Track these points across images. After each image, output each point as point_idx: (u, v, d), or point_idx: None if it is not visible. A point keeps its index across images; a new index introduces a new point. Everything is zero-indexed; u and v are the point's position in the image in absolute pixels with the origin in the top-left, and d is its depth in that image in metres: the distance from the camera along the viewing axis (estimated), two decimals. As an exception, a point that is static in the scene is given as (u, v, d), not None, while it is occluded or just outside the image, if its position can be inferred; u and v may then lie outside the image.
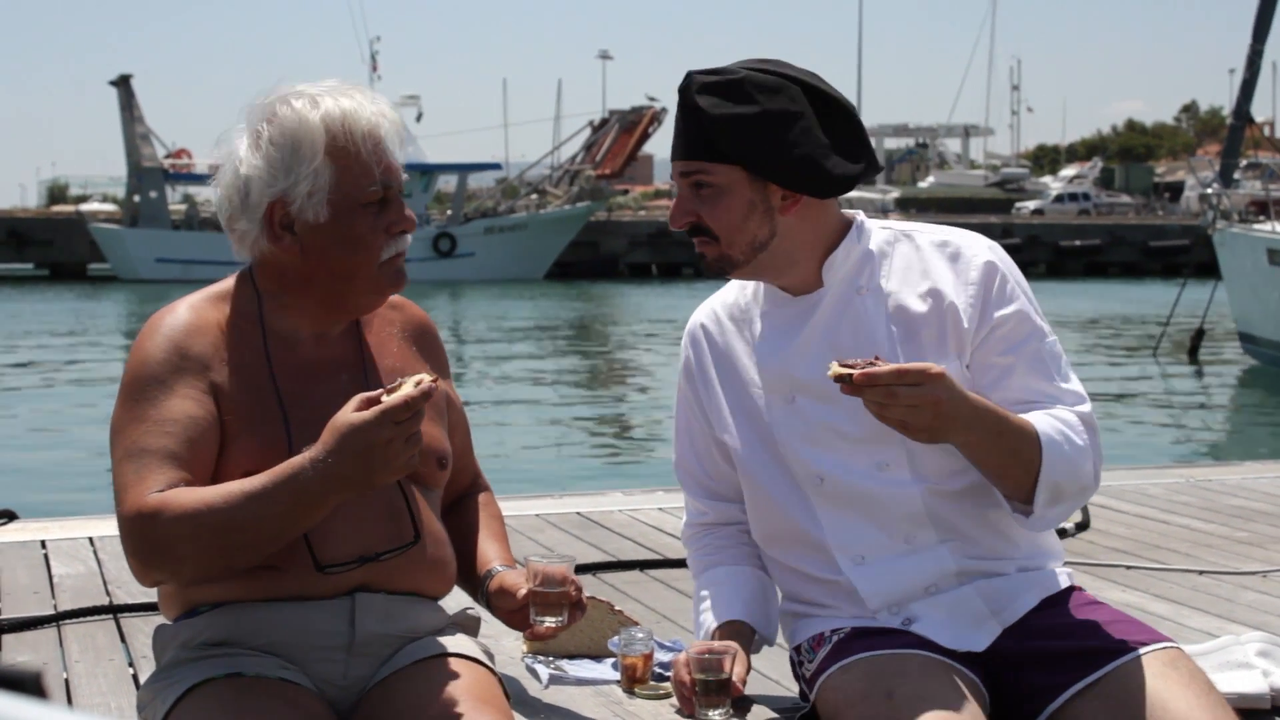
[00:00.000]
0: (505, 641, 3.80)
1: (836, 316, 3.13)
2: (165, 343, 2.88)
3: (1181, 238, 59.26)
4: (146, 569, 2.74)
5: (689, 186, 3.08)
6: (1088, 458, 3.01)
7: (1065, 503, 3.01)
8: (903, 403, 2.78)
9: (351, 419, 2.63)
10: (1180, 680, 2.91)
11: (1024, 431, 2.94)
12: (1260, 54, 24.40)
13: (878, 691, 2.91)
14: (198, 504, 2.66)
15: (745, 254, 3.08)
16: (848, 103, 3.10)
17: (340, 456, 2.62)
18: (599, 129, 59.76)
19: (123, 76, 54.14)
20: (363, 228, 2.88)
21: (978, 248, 3.15)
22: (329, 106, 2.87)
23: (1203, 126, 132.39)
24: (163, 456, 2.75)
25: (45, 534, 5.66)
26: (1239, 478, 7.27)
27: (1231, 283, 24.22)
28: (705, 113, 3.01)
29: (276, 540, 2.71)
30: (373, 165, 2.87)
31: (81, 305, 41.74)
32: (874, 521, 3.12)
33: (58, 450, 15.59)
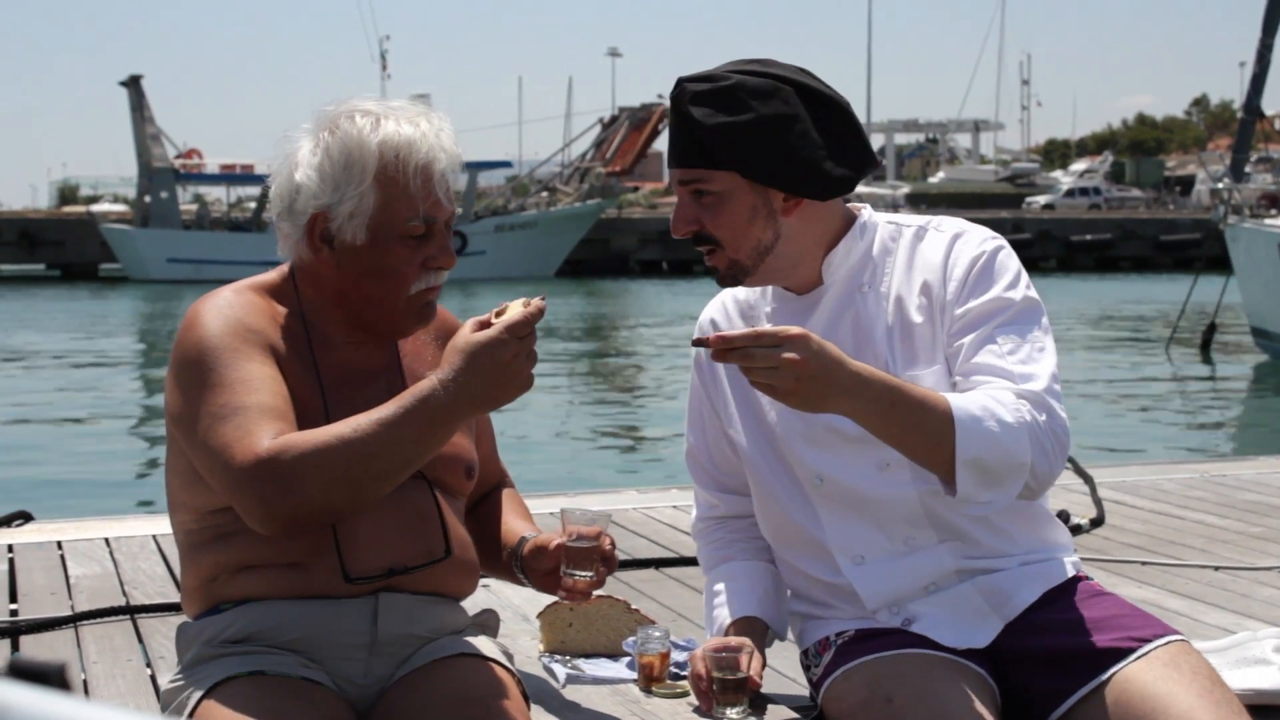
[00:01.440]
0: (522, 641, 3.81)
1: (837, 314, 3.11)
2: (224, 319, 2.85)
3: (1192, 232, 59.24)
4: (271, 515, 2.64)
5: (689, 194, 3.06)
6: (1020, 433, 2.84)
7: (1004, 484, 2.86)
8: (761, 364, 2.70)
9: (477, 338, 2.63)
10: (1182, 680, 2.87)
11: (928, 405, 2.82)
12: (1270, 48, 24.35)
13: (878, 698, 2.91)
14: (327, 437, 2.64)
15: (753, 259, 3.06)
16: (841, 100, 3.07)
17: (470, 375, 2.62)
18: (609, 126, 59.81)
19: (133, 77, 54.24)
20: (397, 258, 2.88)
21: (973, 240, 3.09)
22: (389, 131, 2.87)
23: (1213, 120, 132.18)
24: (261, 410, 2.71)
25: (62, 535, 5.67)
26: (1254, 472, 7.26)
27: (1243, 277, 24.19)
28: (699, 123, 2.98)
29: (407, 468, 2.69)
30: (418, 200, 2.87)
31: (93, 305, 41.80)
32: (873, 522, 3.11)
33: (74, 451, 15.61)
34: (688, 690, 3.40)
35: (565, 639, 3.69)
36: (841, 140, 3.03)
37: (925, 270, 3.09)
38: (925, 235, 3.14)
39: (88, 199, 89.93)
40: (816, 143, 3.00)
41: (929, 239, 3.13)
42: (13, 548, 5.49)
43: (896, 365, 3.04)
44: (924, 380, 3.00)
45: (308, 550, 2.82)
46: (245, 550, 2.84)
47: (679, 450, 3.58)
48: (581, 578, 3.03)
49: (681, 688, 3.41)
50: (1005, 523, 3.12)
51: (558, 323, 34.00)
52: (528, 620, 4.04)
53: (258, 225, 53.76)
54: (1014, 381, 2.91)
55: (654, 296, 45.38)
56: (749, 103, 2.97)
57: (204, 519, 2.87)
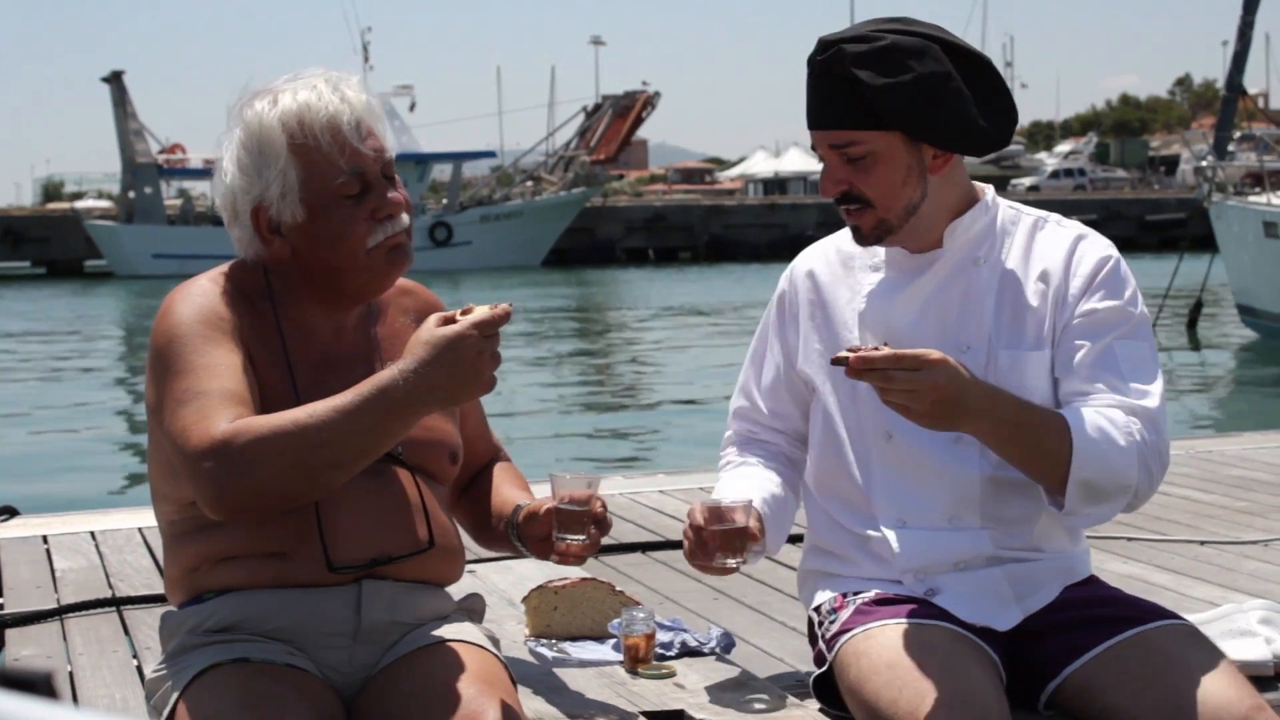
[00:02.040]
0: (508, 626, 3.81)
1: (948, 281, 3.14)
2: (196, 307, 2.85)
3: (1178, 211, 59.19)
4: (225, 496, 2.62)
5: (839, 155, 3.06)
6: (1131, 456, 2.95)
7: (1107, 502, 2.97)
8: (900, 387, 2.78)
9: (443, 331, 2.62)
10: (1204, 649, 2.96)
11: (1051, 425, 2.93)
12: (1251, 25, 24.35)
13: (904, 661, 2.91)
14: (282, 422, 2.62)
15: (900, 218, 3.08)
16: (984, 55, 3.10)
17: (431, 367, 2.60)
18: (593, 115, 59.70)
19: (115, 73, 54.08)
20: (340, 221, 2.85)
21: (1099, 244, 3.16)
22: (286, 103, 2.85)
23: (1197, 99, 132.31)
24: (221, 395, 2.70)
25: (47, 529, 5.66)
26: (1239, 448, 7.28)
27: (1228, 255, 24.21)
28: (864, 84, 2.97)
29: (362, 458, 2.67)
30: (336, 157, 2.84)
31: (79, 302, 41.73)
32: (926, 491, 3.13)
33: (58, 446, 15.59)
34: (673, 671, 3.40)
35: (551, 622, 3.69)
36: (988, 96, 3.07)
37: (1044, 260, 3.13)
38: (1045, 226, 3.20)
39: (72, 195, 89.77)
40: (969, 98, 3.03)
41: (1050, 230, 3.19)
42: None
43: (1000, 340, 3.10)
44: (1026, 361, 3.08)
45: (290, 540, 2.81)
46: (227, 541, 2.83)
47: (665, 436, 3.59)
48: (574, 541, 3.01)
49: (667, 669, 3.42)
50: (1049, 525, 3.16)
51: (545, 311, 34.00)
52: (513, 605, 4.04)
53: (242, 219, 53.53)
54: (1129, 397, 3.00)
55: (640, 284, 45.36)
56: (907, 62, 2.99)
57: (185, 510, 2.86)
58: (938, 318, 3.12)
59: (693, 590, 4.76)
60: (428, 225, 53.10)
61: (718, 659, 3.55)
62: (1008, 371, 3.07)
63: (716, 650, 3.59)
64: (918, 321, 3.13)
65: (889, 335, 3.13)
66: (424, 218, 53.70)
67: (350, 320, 2.99)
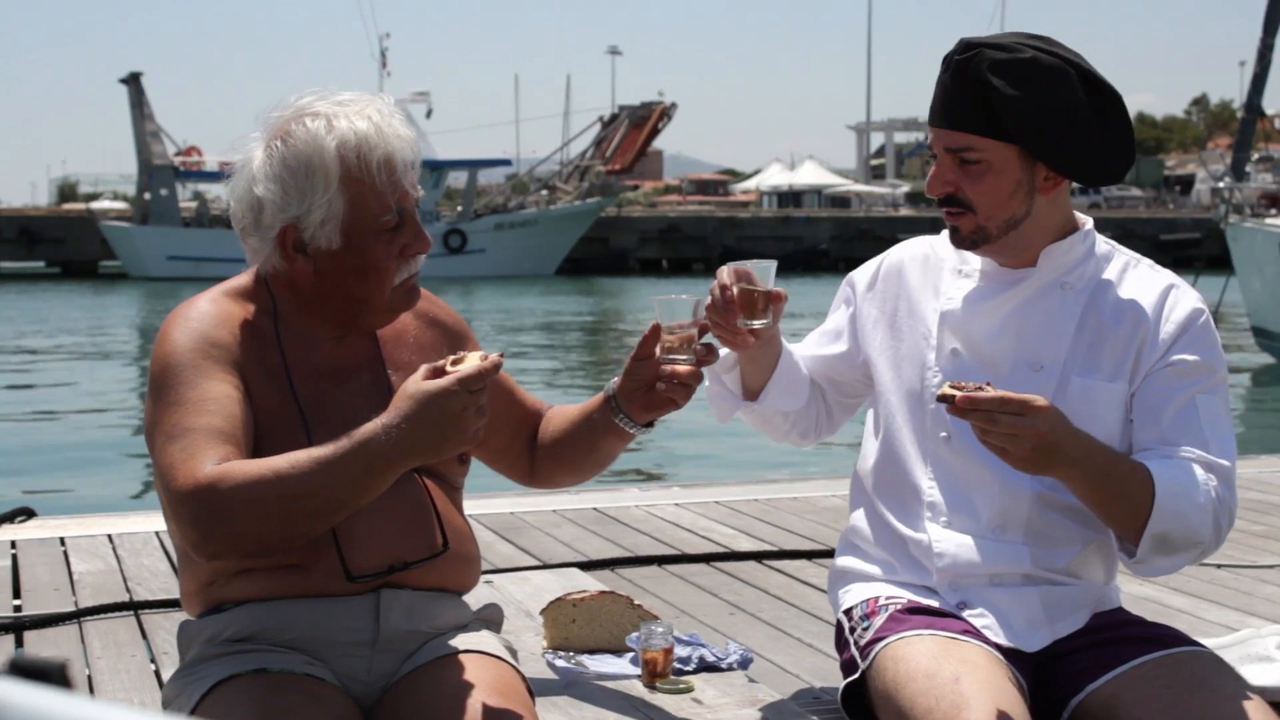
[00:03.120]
0: (526, 638, 3.81)
1: (1035, 299, 3.14)
2: (192, 333, 2.85)
3: (1192, 231, 59.15)
4: (206, 540, 2.63)
5: (953, 158, 3.07)
6: (1207, 514, 2.97)
7: (1177, 555, 2.99)
8: (1002, 430, 2.77)
9: (428, 386, 2.59)
10: (1228, 674, 2.97)
11: (1136, 476, 2.94)
12: (1271, 47, 24.32)
13: (945, 673, 2.91)
14: (264, 470, 2.61)
15: (1000, 230, 3.09)
16: (1116, 91, 3.10)
17: (415, 422, 2.58)
18: (609, 125, 59.75)
19: (133, 74, 54.21)
20: (376, 255, 2.86)
21: (1190, 296, 3.16)
22: (344, 131, 2.83)
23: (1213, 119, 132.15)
24: (209, 433, 2.70)
25: (64, 531, 5.68)
26: (1255, 471, 7.28)
27: (1244, 277, 24.17)
28: (997, 91, 2.98)
29: (341, 510, 2.65)
30: (387, 194, 2.84)
31: (93, 303, 41.79)
32: (975, 498, 3.14)
33: (76, 448, 15.61)
34: (691, 686, 3.41)
35: (569, 635, 3.70)
36: (1114, 130, 3.07)
37: (1135, 299, 3.14)
38: (1138, 266, 3.21)
39: (87, 196, 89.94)
40: (1094, 128, 3.03)
41: (1143, 272, 3.20)
42: (16, 544, 5.50)
43: (1075, 366, 3.11)
44: (1099, 390, 3.09)
45: (307, 551, 2.81)
46: None
47: (680, 447, 3.58)
48: (682, 361, 3.00)
49: (685, 683, 3.42)
50: (1097, 554, 3.18)
51: (558, 320, 33.99)
52: (531, 616, 4.04)
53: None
54: (1208, 453, 3.02)
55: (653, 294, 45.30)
56: (1044, 80, 3.00)
57: None
58: (1017, 333, 3.13)
59: (710, 605, 4.77)
60: (442, 232, 53.13)
61: (735, 674, 3.55)
62: (1078, 398, 3.07)
63: (734, 666, 3.59)
64: (997, 334, 3.14)
65: (965, 341, 3.16)
66: (438, 224, 53.75)
67: (353, 334, 2.99)
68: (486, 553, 5.31)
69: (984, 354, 3.14)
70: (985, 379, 3.06)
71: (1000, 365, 3.10)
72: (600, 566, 5.23)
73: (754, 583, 5.06)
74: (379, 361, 2.99)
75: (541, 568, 5.03)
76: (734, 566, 5.29)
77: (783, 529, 5.94)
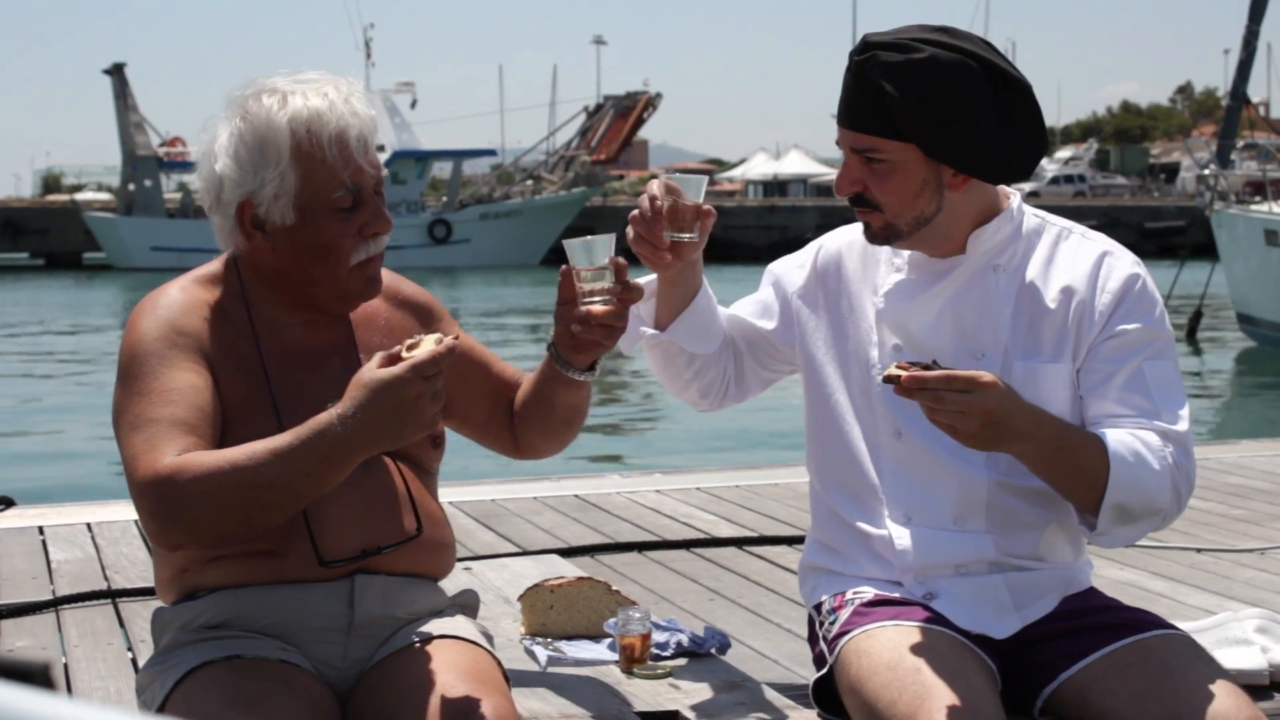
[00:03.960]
0: (504, 624, 3.80)
1: (967, 287, 3.12)
2: (160, 321, 2.85)
3: (1177, 219, 59.14)
4: (166, 531, 2.65)
5: (858, 157, 3.03)
6: (1165, 480, 2.95)
7: (1138, 524, 2.97)
8: (949, 408, 2.76)
9: (381, 374, 2.58)
10: (1201, 658, 2.95)
11: (1090, 448, 2.93)
12: (1256, 35, 24.35)
13: (907, 664, 2.90)
14: (220, 462, 2.61)
15: (910, 227, 3.05)
16: (1024, 80, 3.02)
17: (370, 411, 2.57)
18: (594, 114, 59.76)
19: (116, 65, 54.12)
20: (330, 232, 2.84)
21: (1126, 260, 3.13)
22: (297, 107, 2.82)
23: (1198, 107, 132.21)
24: (171, 423, 2.70)
25: (43, 520, 5.66)
26: (1236, 456, 7.29)
27: (1229, 264, 24.21)
28: (889, 94, 2.94)
29: (299, 500, 2.66)
30: (339, 169, 2.82)
31: (77, 294, 41.74)
32: (933, 491, 3.12)
33: (55, 437, 15.59)
34: (669, 671, 3.40)
35: (546, 621, 3.69)
36: (1021, 123, 3.00)
37: (1067, 272, 3.11)
38: (1070, 238, 3.17)
39: (71, 187, 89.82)
40: (998, 125, 2.97)
41: (1075, 243, 3.16)
42: (-6, 533, 5.48)
43: (1015, 350, 3.08)
44: (1043, 372, 3.06)
45: (279, 537, 2.80)
46: None
47: (661, 434, 3.56)
48: (598, 302, 3.03)
49: (663, 669, 3.41)
50: (1060, 534, 3.15)
51: (542, 309, 33.98)
52: (509, 602, 4.03)
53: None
54: (1161, 420, 3.01)
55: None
56: (940, 81, 2.94)
57: None
58: (954, 323, 3.11)
59: (689, 591, 4.76)
60: (427, 223, 53.19)
61: (713, 660, 3.54)
62: (1023, 383, 3.03)
63: (712, 651, 3.58)
64: (934, 326, 3.12)
65: (905, 337, 3.13)
66: (423, 215, 53.82)
67: (324, 317, 2.97)
68: (467, 540, 5.30)
69: (925, 347, 3.10)
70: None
71: (942, 356, 3.05)
72: (580, 553, 5.22)
73: (734, 568, 5.06)
74: (352, 346, 2.97)
75: (521, 554, 5.02)
76: (714, 552, 5.29)
77: (763, 515, 5.94)
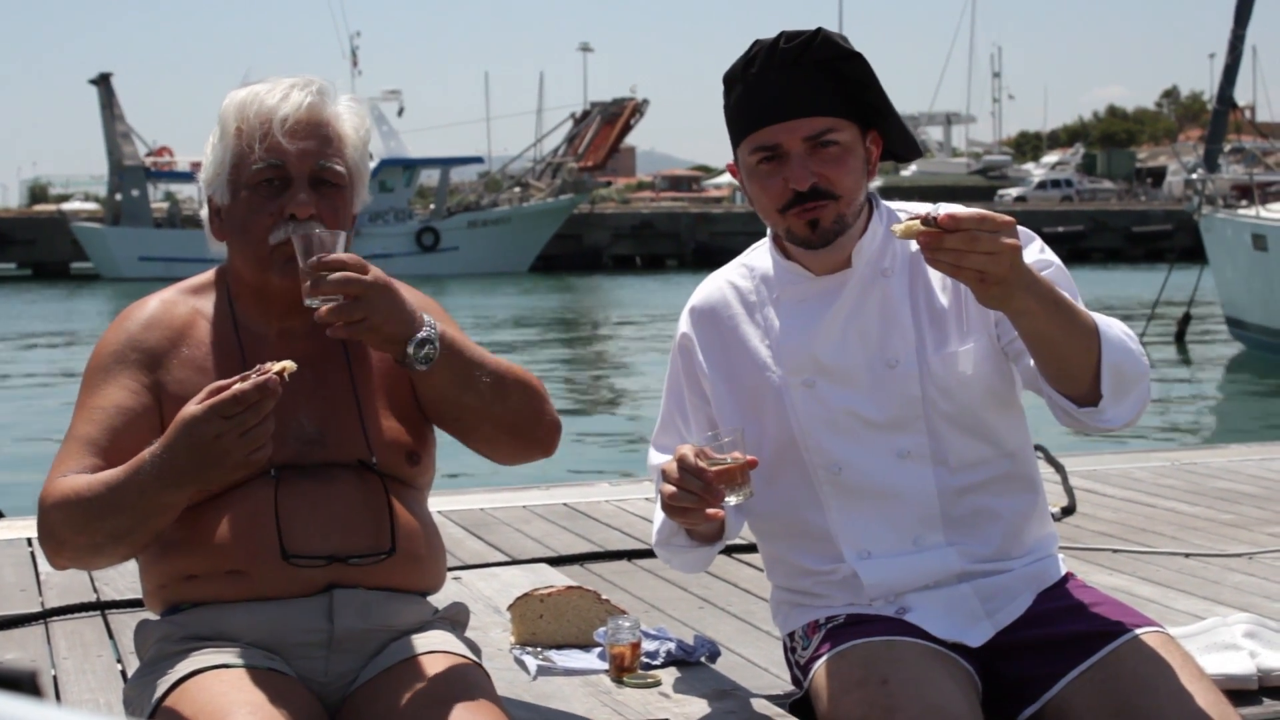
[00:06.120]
0: (493, 633, 3.80)
1: (862, 298, 3.07)
2: (120, 334, 2.92)
3: (1164, 223, 59.38)
4: (43, 550, 2.79)
5: (809, 147, 2.97)
6: (1136, 343, 2.88)
7: (1131, 394, 2.86)
8: (983, 249, 2.62)
9: (184, 412, 2.57)
10: (1173, 662, 2.90)
11: (1078, 308, 2.81)
12: (1242, 39, 24.41)
13: (874, 678, 2.89)
14: (71, 490, 2.68)
15: (854, 214, 3.03)
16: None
17: (173, 451, 2.58)
18: (581, 121, 59.76)
19: (103, 75, 54.10)
20: (247, 206, 2.87)
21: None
22: (246, 91, 2.90)
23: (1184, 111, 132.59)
24: (83, 443, 2.79)
25: (32, 532, 5.63)
26: (1224, 460, 7.29)
27: (1218, 268, 24.25)
28: (853, 66, 2.98)
29: (133, 531, 2.68)
30: (256, 143, 2.85)
31: (64, 304, 41.65)
32: (885, 517, 3.08)
33: (43, 448, 15.55)
34: (659, 680, 3.39)
35: (536, 630, 3.68)
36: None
37: None
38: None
39: (58, 197, 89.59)
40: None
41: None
42: (-18, 545, 5.47)
43: (927, 347, 3.05)
44: (960, 358, 3.03)
45: (244, 557, 2.80)
46: (185, 560, 2.84)
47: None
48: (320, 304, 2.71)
49: (652, 678, 3.41)
50: (1018, 521, 3.12)
51: (532, 317, 33.99)
52: (499, 612, 4.03)
53: (230, 223, 53.65)
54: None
55: (627, 291, 45.40)
56: (862, 61, 3.01)
57: None
58: (860, 338, 3.06)
59: (678, 599, 4.76)
60: (415, 230, 53.21)
61: (703, 668, 3.54)
62: (944, 373, 3.02)
63: (702, 660, 3.58)
64: (840, 346, 3.07)
65: (814, 365, 3.07)
66: (411, 223, 53.80)
67: (301, 325, 2.93)
68: (456, 549, 5.30)
69: (835, 371, 3.06)
70: (845, 395, 3.05)
71: (857, 374, 3.03)
72: (570, 562, 5.22)
73: (724, 576, 5.05)
74: (330, 356, 2.96)
75: (510, 563, 5.02)
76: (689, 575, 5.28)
77: (753, 523, 5.93)
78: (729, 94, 3.07)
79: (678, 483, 2.83)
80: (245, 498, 2.82)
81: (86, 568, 2.89)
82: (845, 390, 3.07)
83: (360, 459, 2.90)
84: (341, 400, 2.93)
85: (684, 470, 2.83)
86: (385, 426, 2.93)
